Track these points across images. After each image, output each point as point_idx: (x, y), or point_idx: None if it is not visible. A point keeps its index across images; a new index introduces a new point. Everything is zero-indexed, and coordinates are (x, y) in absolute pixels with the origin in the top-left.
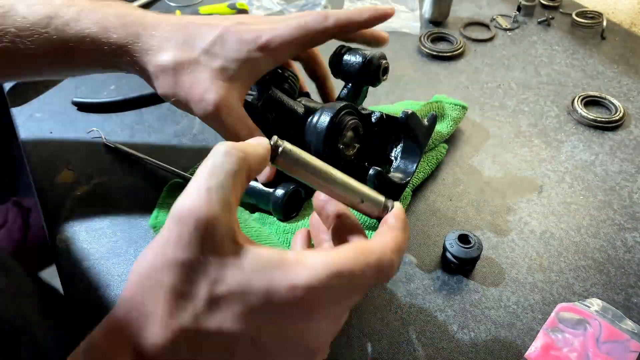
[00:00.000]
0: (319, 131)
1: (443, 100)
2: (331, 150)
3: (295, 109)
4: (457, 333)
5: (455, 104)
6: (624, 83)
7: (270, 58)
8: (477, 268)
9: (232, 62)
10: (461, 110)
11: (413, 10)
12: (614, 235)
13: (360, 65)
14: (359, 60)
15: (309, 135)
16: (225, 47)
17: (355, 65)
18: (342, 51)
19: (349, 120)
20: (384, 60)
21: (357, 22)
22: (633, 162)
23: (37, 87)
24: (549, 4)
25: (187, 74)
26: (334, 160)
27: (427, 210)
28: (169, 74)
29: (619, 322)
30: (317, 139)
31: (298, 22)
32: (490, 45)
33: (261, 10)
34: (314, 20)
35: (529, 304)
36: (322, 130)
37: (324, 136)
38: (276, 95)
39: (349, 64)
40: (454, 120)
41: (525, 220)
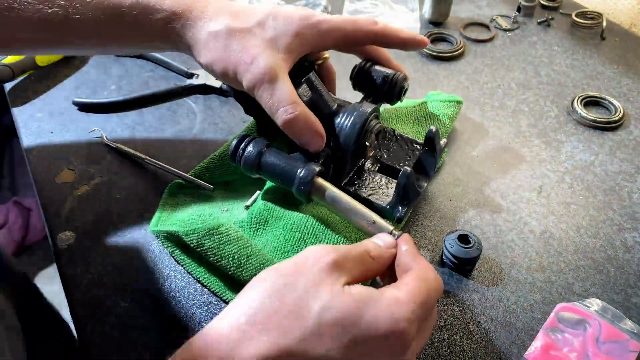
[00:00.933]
0: (351, 129)
1: (437, 98)
2: (358, 148)
3: (328, 100)
4: (457, 333)
5: (450, 101)
6: (623, 83)
7: (319, 38)
8: (477, 268)
9: (283, 34)
10: (456, 106)
11: (413, 10)
12: (614, 235)
13: (385, 83)
14: (384, 78)
15: (342, 130)
16: (277, 21)
17: (379, 82)
18: (367, 66)
19: (376, 124)
20: (406, 82)
21: (398, 37)
22: (633, 162)
23: (38, 87)
24: (548, 5)
25: (240, 40)
26: (358, 156)
27: (427, 210)
28: (221, 39)
29: (618, 322)
30: (349, 136)
31: (350, 17)
32: (490, 46)
33: None
34: (364, 20)
35: (528, 304)
36: (355, 130)
37: (356, 135)
38: (315, 81)
39: (373, 79)
40: (450, 118)
41: (525, 220)
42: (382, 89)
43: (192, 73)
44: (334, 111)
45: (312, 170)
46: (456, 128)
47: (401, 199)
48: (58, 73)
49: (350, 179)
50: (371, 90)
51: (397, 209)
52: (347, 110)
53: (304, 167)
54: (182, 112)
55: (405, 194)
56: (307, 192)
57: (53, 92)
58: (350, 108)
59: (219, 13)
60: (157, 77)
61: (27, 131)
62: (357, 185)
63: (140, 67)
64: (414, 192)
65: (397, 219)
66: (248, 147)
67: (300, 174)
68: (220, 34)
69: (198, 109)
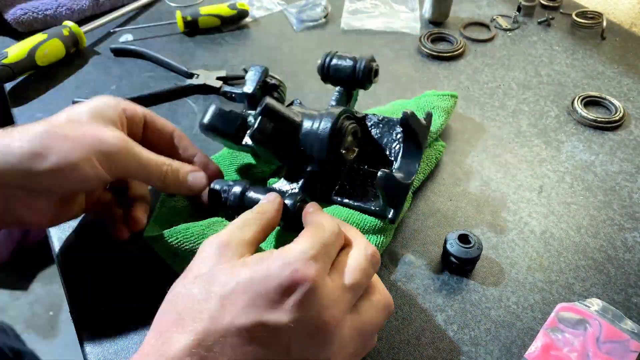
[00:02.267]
0: (321, 138)
1: (432, 94)
2: (334, 156)
3: (293, 118)
4: (457, 333)
5: (444, 94)
6: (624, 83)
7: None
8: (477, 268)
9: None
10: (451, 99)
11: (413, 10)
12: (614, 235)
13: (351, 69)
14: (350, 64)
15: (310, 142)
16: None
17: (346, 69)
18: (330, 56)
19: (349, 124)
20: (374, 63)
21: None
22: (633, 162)
23: (38, 87)
24: (549, 4)
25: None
26: (336, 165)
27: (427, 210)
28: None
29: (619, 322)
30: (319, 146)
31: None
32: (490, 46)
33: (262, 10)
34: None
35: (529, 304)
36: (325, 137)
37: (327, 142)
38: (274, 105)
39: (339, 68)
40: (444, 111)
41: (525, 220)
42: (351, 77)
43: (192, 73)
44: (299, 124)
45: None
46: (456, 128)
47: (389, 201)
48: (58, 73)
49: (341, 186)
50: (341, 81)
51: (388, 211)
52: (312, 120)
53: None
54: (182, 112)
55: (390, 196)
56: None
57: (53, 92)
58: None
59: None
60: (157, 77)
61: None
62: (348, 190)
63: (140, 67)
64: (398, 190)
65: (390, 220)
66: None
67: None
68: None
69: (198, 109)
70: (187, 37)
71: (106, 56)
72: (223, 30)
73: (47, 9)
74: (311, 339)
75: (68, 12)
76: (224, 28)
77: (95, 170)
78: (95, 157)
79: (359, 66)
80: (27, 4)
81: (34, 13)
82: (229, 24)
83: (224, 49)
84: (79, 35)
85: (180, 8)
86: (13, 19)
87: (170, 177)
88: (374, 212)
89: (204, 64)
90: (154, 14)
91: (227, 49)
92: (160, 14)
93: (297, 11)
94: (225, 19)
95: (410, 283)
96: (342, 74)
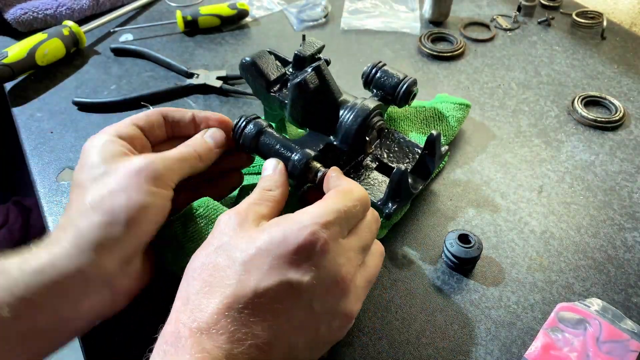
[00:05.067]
0: (352, 124)
1: (446, 100)
2: (358, 142)
3: (335, 91)
4: (457, 333)
5: (460, 104)
6: (624, 83)
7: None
8: (477, 268)
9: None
10: (465, 110)
11: (413, 10)
12: (614, 235)
13: (393, 88)
14: (394, 82)
15: (344, 124)
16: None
17: (388, 85)
18: (377, 68)
19: (378, 121)
20: (415, 87)
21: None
22: (633, 162)
23: (38, 87)
24: (549, 4)
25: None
26: (357, 151)
27: (427, 210)
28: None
29: (619, 321)
30: (349, 130)
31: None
32: (491, 46)
33: (262, 10)
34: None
35: (529, 304)
36: (355, 124)
37: (356, 129)
38: (324, 70)
39: (383, 83)
40: (458, 121)
41: (525, 220)
42: (392, 92)
43: (192, 73)
44: (339, 102)
45: (306, 154)
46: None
47: (392, 196)
48: (58, 73)
49: (347, 173)
50: (381, 92)
51: (387, 206)
52: (351, 103)
53: (299, 151)
54: None
55: (397, 192)
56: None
57: (53, 91)
58: (354, 102)
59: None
60: (157, 77)
61: (27, 131)
62: (352, 179)
63: (140, 67)
64: (406, 191)
65: (386, 215)
66: (249, 125)
67: (295, 157)
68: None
69: (198, 109)
70: (187, 36)
71: (106, 56)
72: (223, 30)
73: (47, 9)
74: (331, 294)
75: (68, 11)
76: (224, 28)
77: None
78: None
79: (401, 87)
80: (27, 4)
81: (34, 13)
82: (229, 24)
83: (224, 48)
84: (79, 35)
85: (180, 8)
86: (13, 19)
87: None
88: (375, 204)
89: (204, 63)
90: (154, 14)
91: (227, 48)
92: (160, 13)
93: (297, 11)
94: (225, 18)
95: (410, 283)
96: (384, 88)
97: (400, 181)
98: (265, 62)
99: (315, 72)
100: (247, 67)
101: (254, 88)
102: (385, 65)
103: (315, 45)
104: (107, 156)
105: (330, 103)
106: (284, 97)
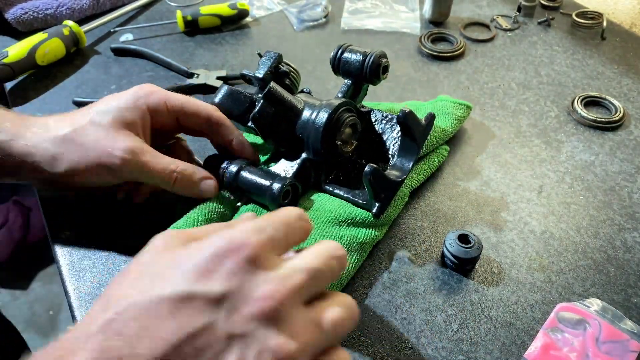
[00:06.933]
0: (317, 127)
1: (447, 100)
2: (329, 147)
3: (294, 105)
4: (457, 333)
5: (460, 104)
6: (624, 83)
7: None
8: (477, 268)
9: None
10: (466, 110)
11: (413, 10)
12: (614, 235)
13: (361, 63)
14: (359, 58)
15: (307, 131)
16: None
17: (355, 63)
18: (343, 48)
19: (348, 117)
20: (384, 59)
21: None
22: (633, 163)
23: (38, 86)
24: (549, 5)
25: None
26: (332, 156)
27: (427, 210)
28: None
29: (618, 322)
30: (315, 136)
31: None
32: (491, 46)
33: (262, 10)
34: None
35: (528, 304)
36: (320, 127)
37: (322, 132)
38: (276, 90)
39: (349, 61)
40: (458, 119)
41: (525, 220)
42: (360, 71)
43: (192, 73)
44: (301, 112)
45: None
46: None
47: (374, 195)
48: (58, 73)
49: (336, 178)
50: (350, 74)
51: (373, 205)
52: (312, 110)
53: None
54: None
55: (376, 190)
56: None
57: (53, 91)
58: (310, 113)
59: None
60: (157, 77)
61: None
62: (341, 180)
63: (141, 67)
64: (386, 186)
65: (374, 215)
66: (229, 167)
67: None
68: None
69: None
70: (188, 36)
71: (106, 56)
72: (223, 30)
73: (47, 9)
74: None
75: (68, 11)
76: (224, 28)
77: (100, 177)
78: (100, 167)
79: (368, 61)
80: (28, 4)
81: (35, 12)
82: (229, 24)
83: (224, 48)
84: (79, 34)
85: (181, 8)
86: (13, 19)
87: (180, 182)
88: (361, 204)
89: (204, 63)
90: (154, 14)
91: (227, 48)
92: (161, 13)
93: (297, 11)
94: (226, 18)
95: (410, 283)
96: (351, 68)
97: (373, 180)
98: (232, 100)
99: (266, 101)
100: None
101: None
102: (350, 45)
103: (272, 59)
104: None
105: (293, 120)
106: None
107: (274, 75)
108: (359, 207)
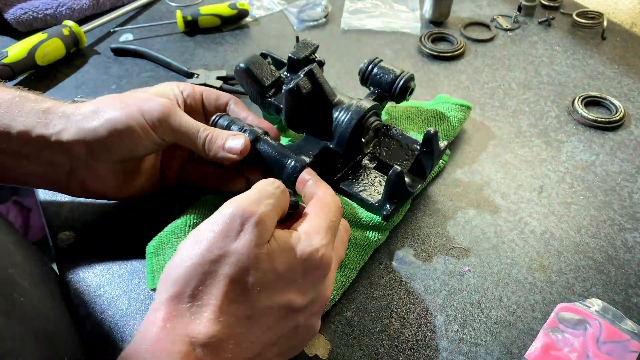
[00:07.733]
0: (347, 126)
1: (447, 101)
2: (353, 144)
3: (329, 94)
4: (457, 333)
5: (461, 105)
6: (624, 83)
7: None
8: (477, 268)
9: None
10: (466, 111)
11: (413, 10)
12: (614, 235)
13: (391, 82)
14: (391, 77)
15: (338, 127)
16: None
17: (386, 79)
18: (374, 63)
19: (374, 121)
20: (412, 82)
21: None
22: (633, 163)
23: (38, 87)
24: (549, 4)
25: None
26: (354, 152)
27: (427, 210)
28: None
29: (619, 322)
30: (344, 132)
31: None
32: (491, 46)
33: (262, 10)
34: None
35: (529, 304)
36: (350, 127)
37: (351, 132)
38: (317, 73)
39: (379, 79)
40: (459, 121)
41: (525, 220)
42: (389, 88)
43: (192, 73)
44: (333, 105)
45: (302, 161)
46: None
47: (390, 196)
48: (58, 73)
49: (345, 174)
50: (378, 89)
51: (385, 207)
52: (345, 105)
53: (294, 159)
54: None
55: (394, 192)
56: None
57: (53, 91)
58: (348, 103)
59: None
60: (157, 77)
61: None
62: (350, 180)
63: (141, 67)
64: (403, 191)
65: (384, 217)
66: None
67: (290, 164)
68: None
69: None
70: (187, 36)
71: (106, 56)
72: (223, 30)
73: (47, 9)
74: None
75: (68, 11)
76: (224, 28)
77: (142, 128)
78: (141, 115)
79: (398, 83)
80: (27, 4)
81: (34, 12)
82: (229, 24)
83: (224, 48)
84: (79, 34)
85: (181, 8)
86: (13, 19)
87: (211, 141)
88: (373, 205)
89: (204, 63)
90: (154, 14)
91: (227, 48)
92: (161, 13)
93: (297, 11)
94: (226, 18)
95: (410, 283)
96: (380, 85)
97: (397, 182)
98: (259, 67)
99: (307, 77)
100: (241, 73)
101: (249, 93)
102: (382, 61)
103: (310, 47)
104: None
105: (324, 106)
106: (280, 101)
107: (306, 61)
108: (369, 207)
